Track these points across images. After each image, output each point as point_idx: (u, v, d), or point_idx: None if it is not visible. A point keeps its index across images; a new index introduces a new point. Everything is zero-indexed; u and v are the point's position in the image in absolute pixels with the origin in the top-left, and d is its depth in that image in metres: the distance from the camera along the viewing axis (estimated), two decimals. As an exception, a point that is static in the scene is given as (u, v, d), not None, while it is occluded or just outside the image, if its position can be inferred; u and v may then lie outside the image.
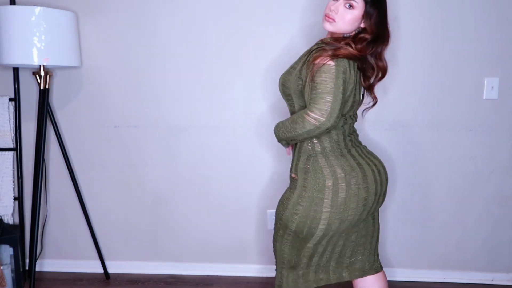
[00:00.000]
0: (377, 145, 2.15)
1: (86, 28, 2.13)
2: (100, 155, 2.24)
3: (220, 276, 2.29)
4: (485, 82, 2.08)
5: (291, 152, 1.53)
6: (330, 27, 1.39)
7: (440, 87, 2.10)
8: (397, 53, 2.08)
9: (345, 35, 1.41)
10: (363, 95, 1.49)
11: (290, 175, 1.50)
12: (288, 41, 2.06)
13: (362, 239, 1.52)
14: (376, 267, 1.58)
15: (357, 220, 1.41)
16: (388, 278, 2.22)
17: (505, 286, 2.22)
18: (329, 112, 1.26)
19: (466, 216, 2.20)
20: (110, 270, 2.30)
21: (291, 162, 1.51)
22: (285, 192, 1.50)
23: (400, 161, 2.16)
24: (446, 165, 2.16)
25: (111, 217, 2.29)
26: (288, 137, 1.39)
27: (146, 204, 2.27)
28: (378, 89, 2.09)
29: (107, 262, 2.30)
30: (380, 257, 2.22)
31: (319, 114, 1.27)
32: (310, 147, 1.41)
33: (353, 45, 1.34)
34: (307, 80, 1.33)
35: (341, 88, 1.28)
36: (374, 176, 1.41)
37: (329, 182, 1.36)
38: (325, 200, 1.36)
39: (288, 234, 1.47)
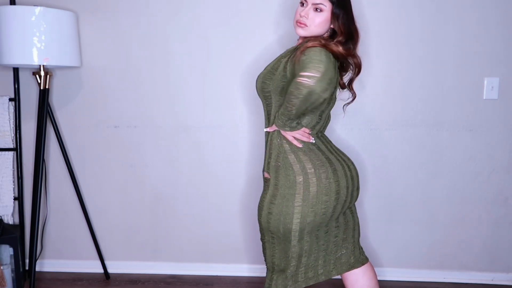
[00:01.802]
0: (377, 144, 2.15)
1: (86, 28, 2.13)
2: (100, 155, 2.24)
3: (220, 276, 2.29)
4: (485, 82, 2.08)
5: (307, 135, 1.47)
6: (302, 32, 1.44)
7: (440, 87, 2.10)
8: (397, 53, 2.08)
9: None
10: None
11: (263, 175, 1.53)
12: (290, 43, 2.06)
13: (344, 233, 1.55)
14: (362, 259, 1.60)
15: (332, 213, 1.44)
16: (388, 278, 2.24)
17: (505, 286, 2.22)
18: (322, 74, 1.25)
19: (466, 216, 2.20)
20: (110, 270, 2.30)
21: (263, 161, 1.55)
22: (260, 197, 1.53)
23: (400, 161, 2.16)
24: (446, 165, 2.16)
25: (111, 217, 2.29)
26: (291, 115, 1.35)
27: (146, 204, 2.27)
28: (378, 88, 2.11)
29: (107, 262, 2.30)
30: (379, 258, 2.23)
31: (313, 72, 1.24)
32: (279, 143, 1.45)
33: (340, 46, 1.39)
34: (294, 65, 1.35)
35: (334, 72, 1.31)
36: (344, 171, 1.45)
37: (299, 178, 1.40)
38: (296, 195, 1.40)
39: (272, 238, 1.49)
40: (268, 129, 1.49)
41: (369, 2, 2.04)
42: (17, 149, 2.19)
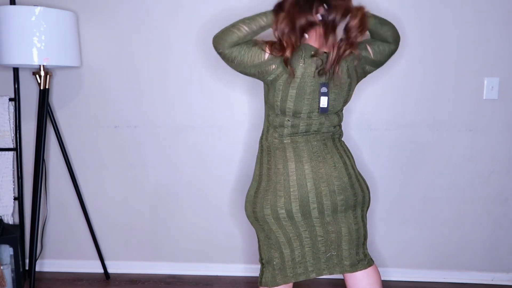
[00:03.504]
0: (377, 145, 2.16)
1: (86, 28, 2.13)
2: (100, 155, 2.24)
3: (220, 276, 2.29)
4: (485, 82, 2.08)
5: None
6: None
7: (440, 87, 2.10)
8: (397, 53, 2.08)
9: None
10: (322, 107, 1.44)
11: None
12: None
13: (330, 235, 1.50)
14: (362, 264, 1.56)
15: (290, 212, 1.43)
16: (388, 278, 2.24)
17: (505, 286, 2.22)
18: (219, 34, 1.39)
19: (466, 216, 2.20)
20: (110, 270, 2.30)
21: None
22: None
23: (400, 161, 2.17)
24: (446, 165, 2.16)
25: (111, 217, 2.29)
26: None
27: (146, 204, 2.27)
28: (378, 89, 2.11)
29: (107, 262, 2.30)
30: (379, 257, 2.23)
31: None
32: (259, 140, 1.57)
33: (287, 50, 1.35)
34: None
35: (249, 57, 1.37)
36: (304, 176, 1.43)
37: (257, 171, 1.53)
38: (253, 186, 1.53)
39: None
40: None
41: (368, 2, 2.04)
42: (17, 149, 2.19)
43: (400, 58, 2.08)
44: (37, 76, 1.99)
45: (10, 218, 2.21)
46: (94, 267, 2.30)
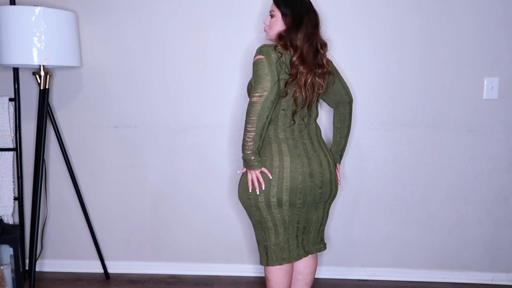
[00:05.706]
0: (378, 145, 2.16)
1: (86, 28, 2.13)
2: (100, 155, 2.24)
3: (220, 276, 2.29)
4: (485, 82, 2.08)
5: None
6: (267, 36, 1.68)
7: (440, 87, 2.10)
8: (397, 53, 2.08)
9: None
10: (306, 103, 1.59)
11: None
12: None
13: (304, 222, 1.66)
14: (320, 247, 1.77)
15: (281, 200, 1.55)
16: (388, 278, 2.24)
17: (505, 286, 2.22)
18: (269, 88, 1.48)
19: (466, 216, 2.20)
20: (110, 270, 2.30)
21: None
22: None
23: (400, 161, 2.17)
24: (446, 165, 2.16)
25: (111, 217, 2.29)
26: (250, 139, 1.49)
27: (146, 204, 2.27)
28: (378, 89, 2.11)
29: (107, 262, 2.30)
30: (379, 257, 2.23)
31: (260, 91, 1.48)
32: None
33: (280, 44, 1.56)
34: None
35: (275, 72, 1.49)
36: (297, 170, 1.55)
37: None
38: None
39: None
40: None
41: (368, 2, 2.04)
42: (17, 149, 2.19)
43: (400, 58, 2.08)
44: (37, 76, 1.99)
45: (10, 218, 2.21)
46: (94, 267, 2.30)
